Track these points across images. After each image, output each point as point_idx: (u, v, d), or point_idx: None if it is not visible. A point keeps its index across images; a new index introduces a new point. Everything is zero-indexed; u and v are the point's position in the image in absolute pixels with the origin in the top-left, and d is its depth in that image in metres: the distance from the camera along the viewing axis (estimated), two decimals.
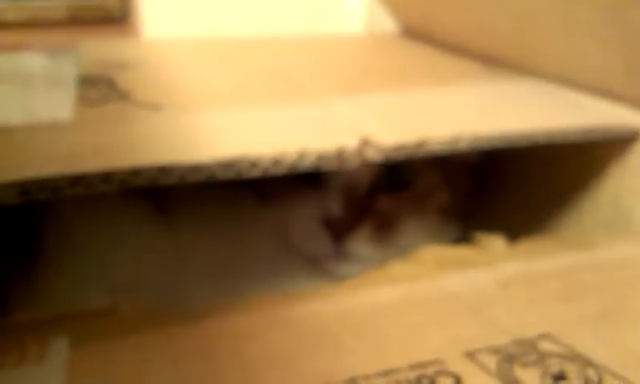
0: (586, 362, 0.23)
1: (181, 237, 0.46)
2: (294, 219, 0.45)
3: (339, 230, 0.43)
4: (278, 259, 0.45)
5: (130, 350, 0.23)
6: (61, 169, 0.27)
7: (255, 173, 0.30)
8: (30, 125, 0.34)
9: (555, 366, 0.23)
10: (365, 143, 0.33)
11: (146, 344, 0.23)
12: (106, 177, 0.27)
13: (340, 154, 0.32)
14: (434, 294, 0.28)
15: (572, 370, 0.23)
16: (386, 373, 0.22)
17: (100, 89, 0.42)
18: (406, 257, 0.32)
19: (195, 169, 0.29)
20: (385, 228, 0.44)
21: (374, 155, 0.33)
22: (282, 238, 0.46)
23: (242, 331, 0.24)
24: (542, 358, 0.23)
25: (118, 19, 0.90)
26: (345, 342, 0.24)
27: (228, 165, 0.29)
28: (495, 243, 0.33)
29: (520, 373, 0.22)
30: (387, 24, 0.69)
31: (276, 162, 0.31)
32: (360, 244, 0.43)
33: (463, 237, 0.41)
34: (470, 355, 0.23)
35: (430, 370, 0.22)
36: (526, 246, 0.33)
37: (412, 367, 0.22)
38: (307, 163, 0.31)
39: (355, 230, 0.43)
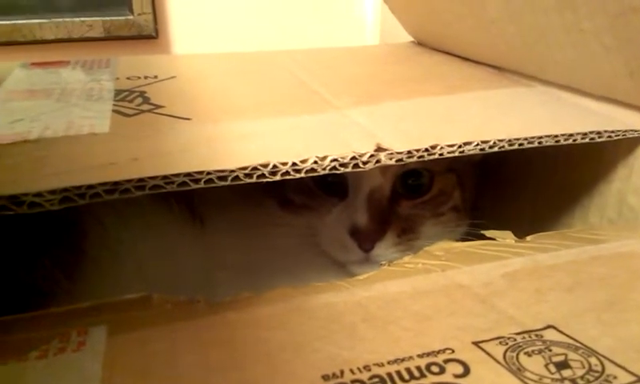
0: (589, 352, 0.23)
1: (212, 239, 0.47)
2: (324, 228, 0.46)
3: (367, 240, 0.43)
4: (302, 261, 0.46)
5: (162, 337, 0.24)
6: (98, 177, 0.28)
7: (276, 177, 0.31)
8: (71, 136, 0.35)
9: (559, 355, 0.23)
10: (379, 148, 0.33)
11: (176, 332, 0.24)
12: (139, 183, 0.28)
13: (355, 159, 0.33)
14: (444, 286, 0.28)
15: (575, 358, 0.23)
16: (398, 360, 0.22)
17: (134, 101, 0.43)
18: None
19: (220, 175, 0.30)
20: (407, 232, 0.44)
21: (387, 160, 0.33)
22: (311, 243, 0.46)
23: (264, 320, 0.25)
24: (546, 347, 0.23)
25: (151, 36, 0.92)
26: (360, 331, 0.24)
27: (251, 170, 0.30)
28: (504, 239, 0.33)
29: (525, 361, 0.22)
30: (401, 35, 0.70)
31: (295, 167, 0.31)
32: (386, 250, 0.43)
33: (474, 233, 0.41)
34: (478, 344, 0.23)
35: (439, 358, 0.23)
36: (534, 240, 0.33)
37: (422, 355, 0.23)
38: (324, 168, 0.32)
39: (381, 238, 0.43)
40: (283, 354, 0.23)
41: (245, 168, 0.30)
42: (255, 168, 0.30)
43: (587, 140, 0.38)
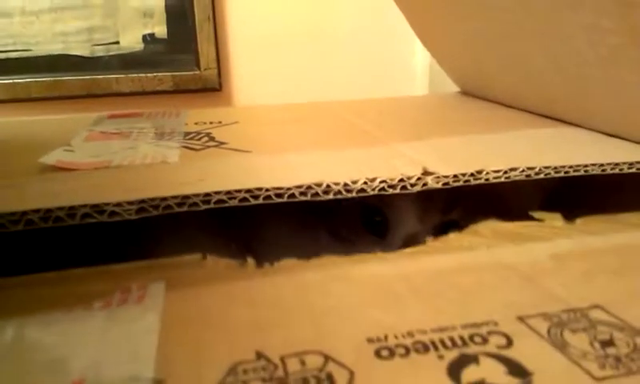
0: (635, 332, 0.22)
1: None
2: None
3: None
4: None
5: (215, 294, 0.25)
6: (170, 191, 0.30)
7: (329, 196, 0.32)
8: (146, 164, 0.38)
9: (605, 334, 0.22)
10: (425, 172, 0.34)
11: (228, 290, 0.25)
12: (206, 198, 0.30)
13: (403, 181, 0.34)
14: (489, 263, 0.28)
15: (621, 337, 0.22)
16: (442, 329, 0.22)
17: (201, 140, 0.47)
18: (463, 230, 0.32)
19: (278, 192, 0.31)
20: None
21: (434, 183, 0.34)
22: None
23: (310, 285, 0.26)
24: (592, 326, 0.23)
25: (215, 89, 0.99)
26: (404, 301, 0.25)
27: (305, 189, 0.32)
28: (553, 221, 0.33)
29: (570, 337, 0.22)
30: (448, 86, 0.72)
31: (347, 186, 0.33)
32: None
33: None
34: (522, 319, 0.23)
35: (482, 330, 0.22)
36: (584, 224, 0.32)
37: (466, 326, 0.23)
38: (374, 189, 0.33)
39: None
40: (329, 317, 0.23)
41: (300, 186, 0.32)
42: (310, 187, 0.32)
43: (634, 170, 0.37)
